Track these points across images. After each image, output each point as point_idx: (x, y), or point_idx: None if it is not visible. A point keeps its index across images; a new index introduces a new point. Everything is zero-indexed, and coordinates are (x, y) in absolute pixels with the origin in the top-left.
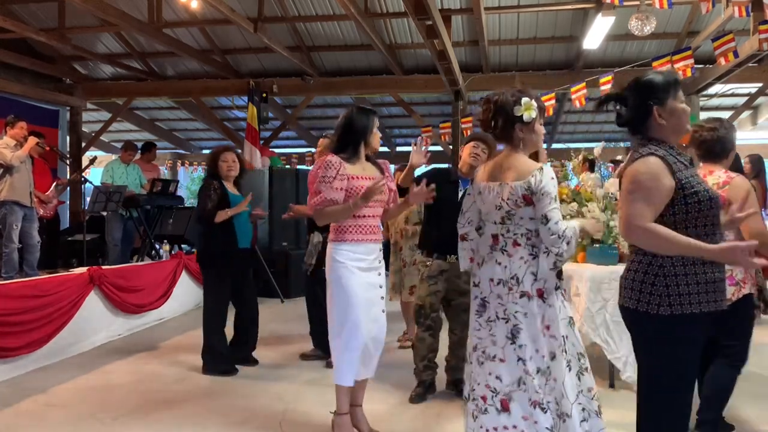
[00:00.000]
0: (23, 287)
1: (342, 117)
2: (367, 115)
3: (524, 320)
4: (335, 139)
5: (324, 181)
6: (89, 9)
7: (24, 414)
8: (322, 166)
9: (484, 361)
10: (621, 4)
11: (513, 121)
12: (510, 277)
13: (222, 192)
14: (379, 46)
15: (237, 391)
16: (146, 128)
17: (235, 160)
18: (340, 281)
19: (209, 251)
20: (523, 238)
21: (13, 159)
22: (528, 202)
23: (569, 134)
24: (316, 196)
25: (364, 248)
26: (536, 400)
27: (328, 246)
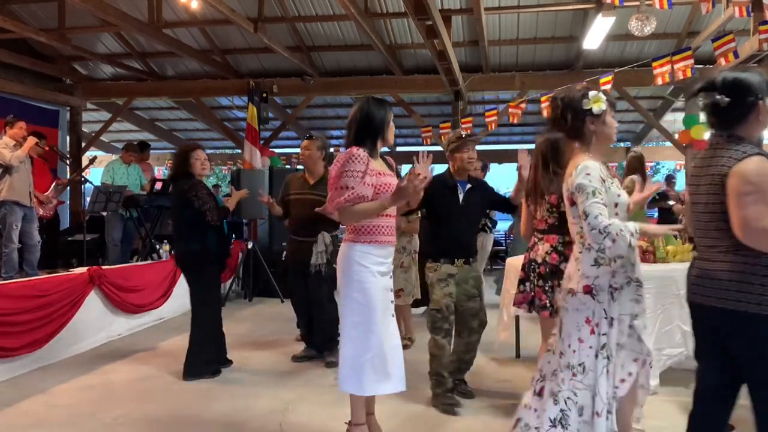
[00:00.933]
0: (23, 287)
1: (357, 109)
2: (384, 106)
3: (566, 315)
4: (351, 132)
5: (353, 175)
6: (89, 9)
7: (24, 414)
8: (348, 159)
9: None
10: (621, 4)
11: (584, 115)
12: (567, 274)
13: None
14: (379, 46)
15: (237, 392)
16: (146, 128)
17: (206, 158)
18: (362, 285)
19: (202, 252)
20: (577, 235)
21: (12, 159)
22: (571, 201)
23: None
24: (342, 192)
25: (385, 251)
26: (554, 390)
27: (346, 247)
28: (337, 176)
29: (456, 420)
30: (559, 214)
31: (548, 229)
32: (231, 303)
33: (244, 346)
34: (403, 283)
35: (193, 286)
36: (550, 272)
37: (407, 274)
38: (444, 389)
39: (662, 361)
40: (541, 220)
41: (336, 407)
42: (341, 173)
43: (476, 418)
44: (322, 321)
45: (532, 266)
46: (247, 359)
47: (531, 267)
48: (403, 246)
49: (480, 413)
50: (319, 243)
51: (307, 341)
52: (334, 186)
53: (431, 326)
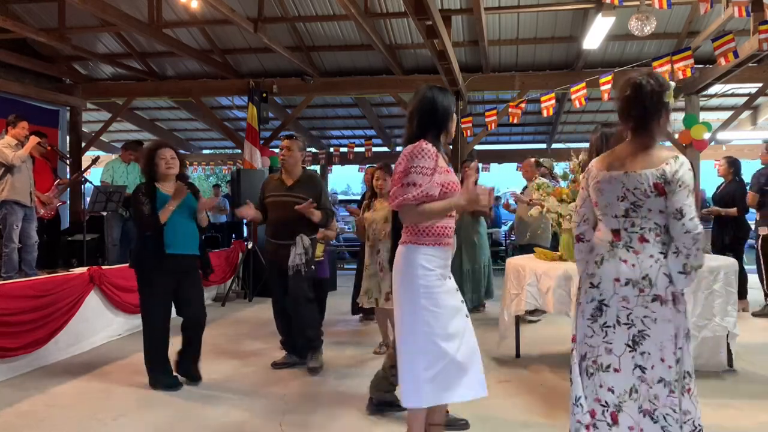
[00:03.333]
0: (23, 287)
1: (421, 98)
2: (448, 95)
3: (653, 326)
4: (413, 124)
5: (423, 172)
6: (89, 9)
7: (24, 414)
8: (417, 154)
9: (594, 372)
10: (621, 4)
11: (664, 107)
12: (641, 277)
13: (151, 191)
14: (379, 46)
15: (237, 391)
16: (146, 128)
17: (174, 156)
18: (430, 291)
19: (137, 255)
20: (651, 233)
21: (14, 158)
22: (660, 191)
23: (569, 134)
24: (408, 189)
25: (448, 254)
26: (648, 408)
27: (407, 250)
28: (404, 172)
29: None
30: None
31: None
32: (231, 303)
33: (244, 346)
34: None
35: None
36: None
37: None
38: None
39: None
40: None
41: (336, 407)
42: (408, 168)
43: (475, 419)
44: (302, 323)
45: None
46: (247, 359)
47: None
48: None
49: (480, 414)
50: (297, 245)
51: (288, 347)
52: (400, 182)
53: None
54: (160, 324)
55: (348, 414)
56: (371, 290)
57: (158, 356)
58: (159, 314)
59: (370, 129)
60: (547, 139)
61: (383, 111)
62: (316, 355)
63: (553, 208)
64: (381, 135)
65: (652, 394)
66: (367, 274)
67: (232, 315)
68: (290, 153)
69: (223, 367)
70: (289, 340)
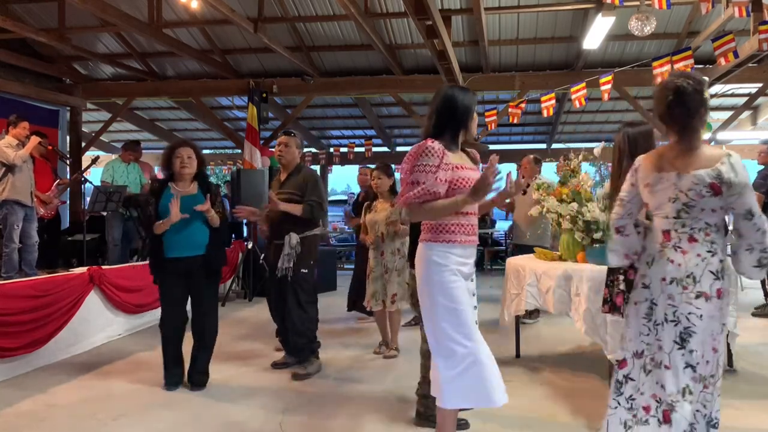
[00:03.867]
0: (23, 287)
1: (440, 96)
2: (469, 94)
3: (699, 323)
4: (431, 123)
5: (425, 170)
6: (89, 9)
7: (24, 414)
8: (421, 153)
9: (652, 369)
10: (621, 4)
11: (703, 104)
12: (686, 276)
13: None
14: (379, 46)
15: (237, 391)
16: (146, 128)
17: (191, 156)
18: (445, 287)
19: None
20: (701, 233)
21: (16, 158)
22: (716, 191)
23: (569, 134)
24: (412, 188)
25: (467, 251)
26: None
27: (423, 247)
28: (408, 170)
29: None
30: None
31: None
32: (231, 303)
33: (244, 346)
34: (398, 288)
35: None
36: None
37: (401, 277)
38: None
39: None
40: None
41: (336, 407)
42: (413, 167)
43: (475, 419)
44: (292, 330)
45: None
46: (247, 359)
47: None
48: (397, 248)
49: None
50: (285, 245)
51: (286, 347)
52: (406, 181)
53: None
54: (169, 323)
55: (348, 414)
56: (378, 293)
57: (166, 355)
58: (168, 314)
59: (370, 129)
60: (547, 139)
61: (383, 111)
62: (304, 363)
63: (553, 208)
64: (381, 135)
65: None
66: (373, 277)
67: (232, 315)
68: (287, 149)
69: (223, 367)
70: (287, 341)
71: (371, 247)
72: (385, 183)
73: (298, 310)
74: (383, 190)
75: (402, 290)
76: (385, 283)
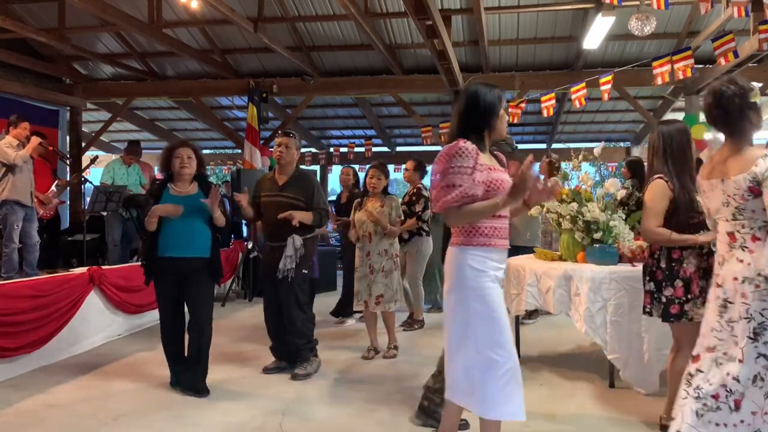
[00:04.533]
0: (23, 287)
1: (463, 95)
2: (493, 92)
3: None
4: (454, 123)
5: (461, 171)
6: (89, 9)
7: (24, 414)
8: (455, 154)
9: (724, 363)
10: (620, 4)
11: (749, 109)
12: (756, 275)
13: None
14: (379, 46)
15: (237, 391)
16: (146, 128)
17: (191, 156)
18: (481, 293)
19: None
20: (762, 231)
21: (16, 158)
22: (755, 193)
23: (569, 134)
24: (448, 191)
25: (502, 255)
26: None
27: (457, 251)
28: (442, 173)
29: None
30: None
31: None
32: (231, 303)
33: (243, 346)
34: (384, 289)
35: None
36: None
37: (388, 279)
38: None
39: (662, 361)
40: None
41: (336, 407)
42: (447, 169)
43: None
44: (291, 331)
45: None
46: (247, 360)
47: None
48: (385, 249)
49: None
50: (288, 247)
51: (277, 353)
52: (439, 184)
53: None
54: (166, 323)
55: (348, 414)
56: (360, 293)
57: (167, 355)
58: (164, 313)
59: (370, 129)
60: (547, 139)
61: (383, 111)
62: (304, 363)
63: (553, 208)
64: (381, 135)
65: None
66: (357, 276)
67: (232, 315)
68: (288, 151)
69: (223, 367)
70: (279, 345)
71: (357, 245)
72: (383, 183)
73: (298, 311)
74: (379, 190)
75: (390, 292)
76: (370, 284)
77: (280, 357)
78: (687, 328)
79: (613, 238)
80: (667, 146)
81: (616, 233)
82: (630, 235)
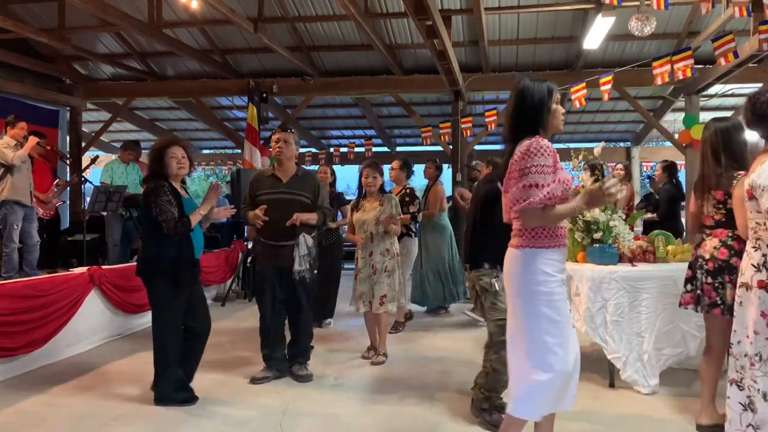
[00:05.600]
0: (23, 287)
1: (513, 93)
2: (543, 87)
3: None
4: (506, 125)
5: (543, 171)
6: (89, 9)
7: (24, 414)
8: (536, 152)
9: None
10: (620, 4)
11: None
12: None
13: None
14: (379, 46)
15: (236, 391)
16: (146, 128)
17: (185, 155)
18: (551, 298)
19: (159, 259)
20: (751, 231)
21: (14, 158)
22: (750, 196)
23: (569, 134)
24: (530, 191)
25: (565, 255)
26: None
27: (524, 254)
28: (521, 172)
29: (456, 422)
30: (727, 210)
31: (715, 224)
32: (231, 303)
33: (244, 346)
34: (387, 289)
35: (149, 298)
36: (719, 268)
37: (391, 278)
38: (492, 404)
39: (662, 361)
40: (708, 216)
41: (336, 407)
42: (527, 168)
43: (475, 419)
44: (301, 331)
45: (699, 263)
46: (247, 360)
47: (698, 264)
48: (387, 248)
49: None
50: (301, 246)
51: (269, 361)
52: (518, 184)
53: (499, 339)
54: (177, 336)
55: (348, 414)
56: (365, 294)
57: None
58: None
59: (370, 129)
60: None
61: (383, 111)
62: (306, 364)
63: None
64: (381, 135)
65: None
66: (360, 278)
67: (232, 315)
68: (287, 146)
69: (224, 366)
70: (274, 353)
71: (359, 247)
72: (378, 182)
73: (308, 312)
74: (375, 189)
75: (393, 292)
76: (373, 285)
77: (271, 366)
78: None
79: (613, 238)
80: (726, 141)
81: (616, 233)
82: (630, 235)
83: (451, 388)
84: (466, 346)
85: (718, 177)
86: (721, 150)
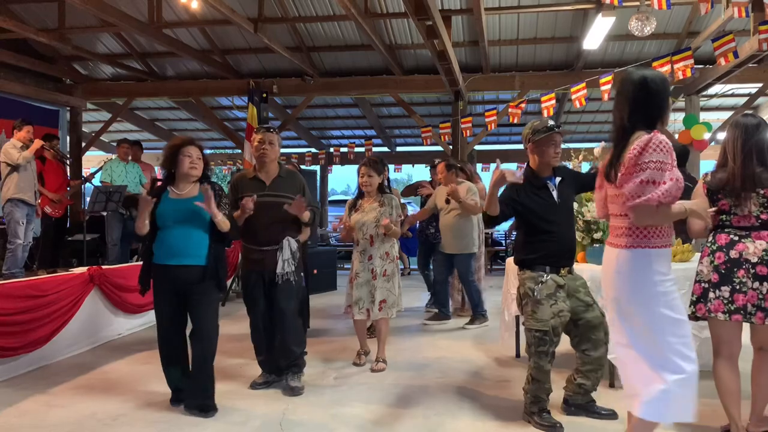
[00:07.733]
0: (23, 287)
1: (630, 82)
2: (662, 75)
3: None
4: (624, 114)
5: (662, 168)
6: (89, 9)
7: (24, 414)
8: (652, 147)
9: None
10: (620, 4)
11: None
12: None
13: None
14: (379, 46)
15: (236, 391)
16: (146, 128)
17: (200, 156)
18: (669, 297)
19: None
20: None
21: (20, 159)
22: None
23: (569, 134)
24: (649, 187)
25: (670, 254)
26: None
27: (637, 254)
28: (638, 167)
29: (455, 422)
30: None
31: (761, 225)
32: (231, 303)
33: (244, 346)
34: (387, 294)
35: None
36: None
37: (390, 282)
38: (541, 407)
39: None
40: (747, 216)
41: (336, 407)
42: (644, 164)
43: (476, 420)
44: (288, 338)
45: (745, 266)
46: (247, 360)
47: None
48: (386, 252)
49: (480, 414)
50: (284, 250)
51: (266, 367)
52: (635, 179)
53: (536, 350)
54: (163, 334)
55: (348, 414)
56: (362, 300)
57: (165, 366)
58: (161, 323)
59: (370, 129)
60: None
61: (383, 111)
62: (298, 374)
63: None
64: (381, 135)
65: None
66: (358, 283)
67: (232, 315)
68: (272, 147)
69: (224, 367)
70: (269, 358)
71: (356, 250)
72: (374, 181)
73: (296, 318)
74: (372, 189)
75: (393, 297)
76: (372, 290)
77: (269, 371)
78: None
79: None
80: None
81: None
82: None
83: (452, 389)
84: (467, 346)
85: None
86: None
